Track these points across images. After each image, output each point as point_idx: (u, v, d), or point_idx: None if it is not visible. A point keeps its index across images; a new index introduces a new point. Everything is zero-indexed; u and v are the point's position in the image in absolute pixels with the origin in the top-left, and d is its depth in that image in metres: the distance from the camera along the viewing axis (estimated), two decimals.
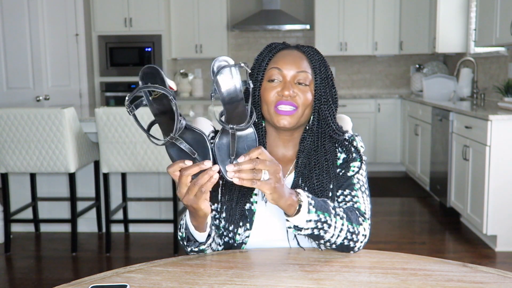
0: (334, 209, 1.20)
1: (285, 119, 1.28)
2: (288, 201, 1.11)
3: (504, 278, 1.10)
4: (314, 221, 1.15)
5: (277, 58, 1.33)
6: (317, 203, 1.17)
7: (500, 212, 3.38)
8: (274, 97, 1.29)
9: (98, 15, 5.85)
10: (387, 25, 6.05)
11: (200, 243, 1.23)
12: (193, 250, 1.25)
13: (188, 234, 1.24)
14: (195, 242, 1.24)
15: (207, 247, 1.25)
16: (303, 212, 1.14)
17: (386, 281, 1.08)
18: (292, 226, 1.15)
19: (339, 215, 1.20)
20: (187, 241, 1.25)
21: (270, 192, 1.06)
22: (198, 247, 1.24)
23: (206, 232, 1.22)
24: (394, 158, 5.94)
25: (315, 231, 1.16)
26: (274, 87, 1.30)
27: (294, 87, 1.29)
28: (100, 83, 5.96)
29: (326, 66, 1.34)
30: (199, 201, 1.08)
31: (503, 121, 3.33)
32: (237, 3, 6.38)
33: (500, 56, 4.55)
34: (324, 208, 1.17)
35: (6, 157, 3.29)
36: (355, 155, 1.34)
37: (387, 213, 4.36)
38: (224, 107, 1.08)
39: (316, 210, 1.15)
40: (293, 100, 1.28)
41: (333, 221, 1.18)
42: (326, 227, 1.17)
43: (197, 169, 1.04)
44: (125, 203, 3.72)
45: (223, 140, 1.08)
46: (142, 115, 2.84)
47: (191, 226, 1.21)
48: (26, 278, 3.11)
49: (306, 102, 1.29)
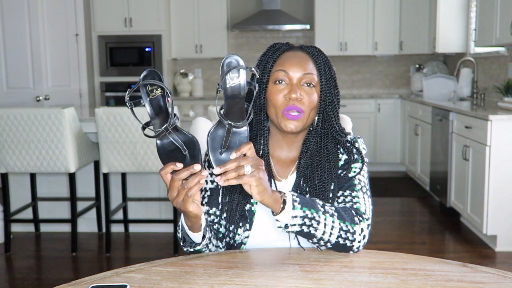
0: (323, 206, 1.21)
1: (292, 123, 1.28)
2: (273, 196, 1.14)
3: (504, 278, 1.10)
4: (300, 217, 1.16)
5: (282, 60, 1.32)
6: (303, 200, 1.19)
7: (500, 212, 3.38)
8: (282, 101, 1.29)
9: (98, 15, 5.85)
10: (387, 25, 6.05)
11: (196, 243, 1.26)
12: (190, 251, 1.28)
13: (184, 234, 1.27)
14: (191, 242, 1.27)
15: (204, 248, 1.27)
16: (288, 208, 1.15)
17: (386, 281, 1.08)
18: (282, 225, 1.17)
19: (328, 212, 1.21)
20: (183, 242, 1.28)
21: (256, 184, 1.08)
22: (194, 248, 1.26)
23: (200, 233, 1.23)
24: (394, 158, 5.94)
25: (304, 228, 1.17)
26: (281, 90, 1.30)
27: (300, 90, 1.29)
28: (100, 83, 5.97)
29: (330, 66, 1.34)
30: (187, 204, 1.11)
31: (503, 121, 3.33)
32: (237, 3, 6.38)
33: (500, 56, 4.55)
34: (310, 205, 1.19)
35: (6, 157, 3.29)
36: (356, 156, 1.35)
37: (387, 213, 4.36)
38: (225, 101, 1.12)
39: (302, 206, 1.17)
40: (300, 103, 1.28)
41: (321, 217, 1.19)
42: (315, 223, 1.18)
43: (188, 173, 1.08)
44: (125, 203, 3.72)
45: (219, 131, 1.12)
46: (142, 115, 2.84)
47: (185, 227, 1.23)
48: (26, 278, 3.11)
49: (312, 104, 1.30)
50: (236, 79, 1.12)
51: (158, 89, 1.11)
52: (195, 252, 1.27)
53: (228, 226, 1.32)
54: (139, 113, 1.19)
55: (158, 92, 1.11)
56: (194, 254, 1.26)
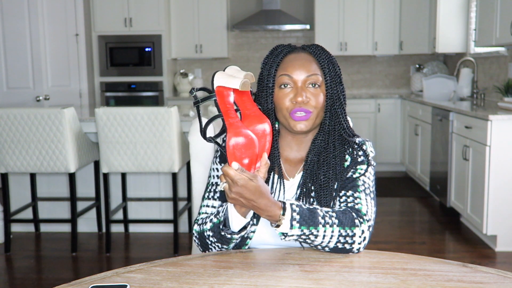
0: (324, 217, 1.22)
1: (301, 123, 1.31)
2: (271, 211, 1.17)
3: (504, 278, 1.10)
4: (297, 235, 1.20)
5: (285, 64, 1.33)
6: (302, 217, 1.19)
7: (500, 212, 3.38)
8: (289, 104, 1.31)
9: (98, 15, 5.85)
10: (387, 25, 6.05)
11: (233, 232, 1.25)
12: (222, 239, 1.27)
13: (226, 218, 1.25)
14: (229, 229, 1.25)
15: (239, 239, 1.28)
16: (285, 228, 1.18)
17: (386, 281, 1.08)
18: (279, 233, 1.20)
19: (328, 223, 1.21)
20: (223, 226, 1.26)
21: (230, 198, 1.17)
22: (231, 234, 1.25)
23: (246, 219, 1.24)
24: (394, 158, 5.94)
25: (300, 240, 1.22)
26: (286, 94, 1.32)
27: (306, 92, 1.30)
28: (100, 83, 5.97)
29: (334, 63, 1.35)
30: (265, 169, 1.19)
31: (503, 121, 3.33)
32: (237, 3, 6.38)
33: (500, 56, 4.55)
34: (310, 221, 1.20)
35: (6, 157, 3.29)
36: (363, 158, 1.35)
37: (387, 213, 4.36)
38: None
39: (300, 225, 1.19)
40: (306, 106, 1.30)
41: (320, 231, 1.20)
42: (313, 237, 1.21)
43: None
44: (125, 203, 3.72)
45: None
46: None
47: (233, 211, 1.22)
48: (26, 278, 3.11)
49: (319, 105, 1.31)
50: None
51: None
52: (223, 244, 1.28)
53: None
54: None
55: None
56: (195, 254, 1.26)
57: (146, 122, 3.16)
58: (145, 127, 3.16)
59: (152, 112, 3.14)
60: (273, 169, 1.36)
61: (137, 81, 5.96)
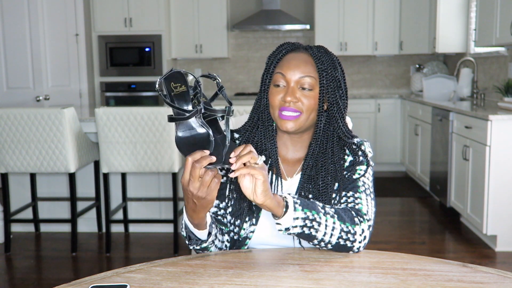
0: (324, 208, 1.22)
1: (288, 123, 1.31)
2: (275, 198, 1.15)
3: (504, 278, 1.10)
4: (302, 219, 1.17)
5: (283, 63, 1.33)
6: (303, 201, 1.20)
7: (500, 212, 3.38)
8: (278, 102, 1.31)
9: (98, 15, 5.85)
10: (387, 25, 6.05)
11: (202, 240, 1.25)
12: (196, 249, 1.27)
13: (189, 233, 1.26)
14: (197, 240, 1.26)
15: (210, 245, 1.27)
16: (290, 210, 1.16)
17: (386, 281, 1.08)
18: (282, 228, 1.18)
19: (329, 213, 1.22)
20: (189, 240, 1.27)
21: (263, 180, 1.09)
22: (200, 245, 1.26)
23: (206, 230, 1.23)
24: (394, 158, 5.94)
25: (305, 229, 1.18)
26: (278, 92, 1.32)
27: (297, 93, 1.30)
28: (100, 83, 5.97)
29: (334, 66, 1.33)
30: (214, 192, 1.11)
31: (503, 121, 3.33)
32: (237, 3, 6.38)
33: (500, 56, 4.55)
34: (311, 206, 1.20)
35: (6, 157, 3.29)
36: (362, 158, 1.35)
37: (387, 213, 4.36)
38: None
39: (303, 208, 1.18)
40: (295, 106, 1.30)
41: (322, 219, 1.20)
42: (316, 225, 1.19)
43: (208, 160, 1.06)
44: (125, 203, 3.72)
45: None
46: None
47: (190, 225, 1.22)
48: (26, 278, 3.11)
49: (309, 108, 1.31)
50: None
51: (182, 86, 1.09)
52: (202, 249, 1.27)
53: (233, 221, 1.33)
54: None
55: (182, 88, 1.09)
56: (195, 254, 1.26)
57: (146, 122, 3.16)
58: (145, 127, 3.16)
59: (152, 112, 3.15)
60: (272, 168, 1.36)
61: (137, 81, 5.96)
